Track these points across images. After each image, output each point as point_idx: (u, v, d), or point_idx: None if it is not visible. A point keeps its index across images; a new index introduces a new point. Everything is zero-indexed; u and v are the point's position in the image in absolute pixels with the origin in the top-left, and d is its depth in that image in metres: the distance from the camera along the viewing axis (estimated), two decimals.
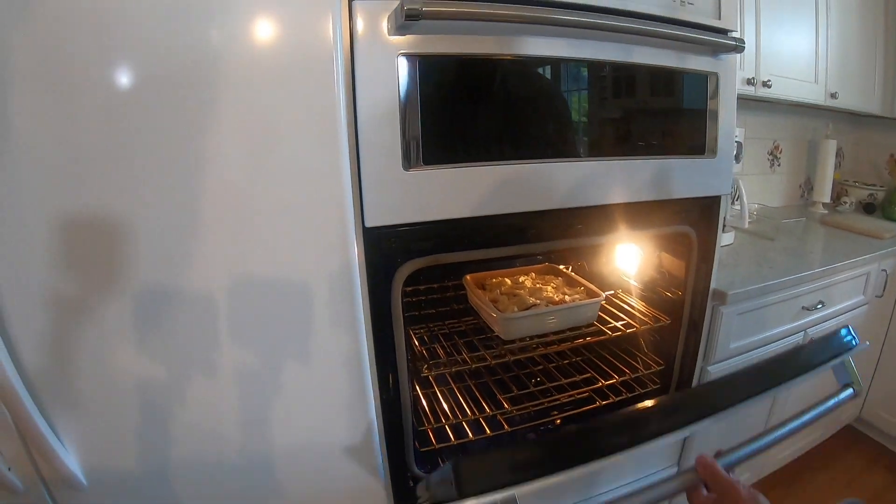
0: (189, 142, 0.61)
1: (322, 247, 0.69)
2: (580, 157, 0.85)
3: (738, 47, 0.91)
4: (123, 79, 0.57)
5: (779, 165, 2.11)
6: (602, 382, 1.11)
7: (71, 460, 0.66)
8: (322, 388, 0.75)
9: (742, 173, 1.83)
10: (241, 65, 0.60)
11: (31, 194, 0.56)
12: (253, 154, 0.63)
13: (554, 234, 0.86)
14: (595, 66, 0.84)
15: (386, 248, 0.74)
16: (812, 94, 1.67)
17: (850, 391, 0.66)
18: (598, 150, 0.87)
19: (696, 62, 0.91)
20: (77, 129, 0.56)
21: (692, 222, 1.01)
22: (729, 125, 0.98)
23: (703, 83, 0.94)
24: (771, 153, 2.07)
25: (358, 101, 0.67)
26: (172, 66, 0.58)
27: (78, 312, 0.61)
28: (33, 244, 0.58)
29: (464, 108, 0.76)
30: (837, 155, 2.16)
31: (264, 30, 0.61)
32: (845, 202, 2.15)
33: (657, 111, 0.95)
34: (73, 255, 0.59)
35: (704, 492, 0.58)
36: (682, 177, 0.95)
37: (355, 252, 0.71)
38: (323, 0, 0.62)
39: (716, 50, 0.92)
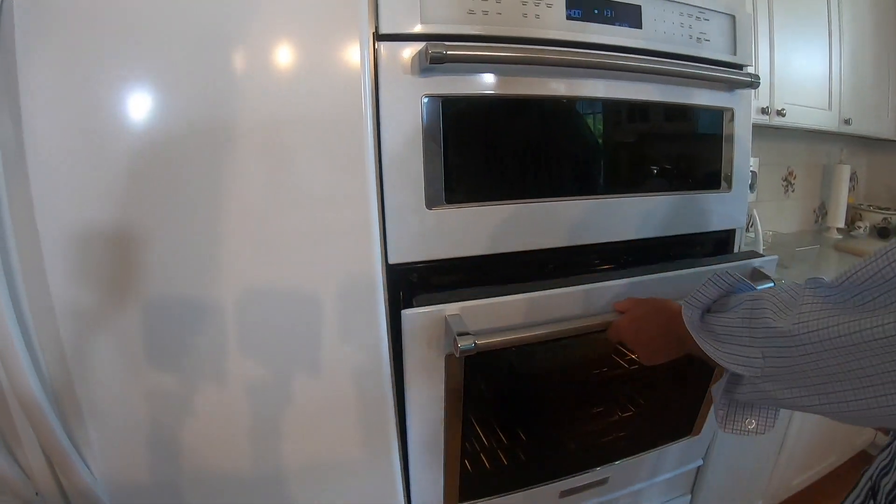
0: (213, 160, 0.62)
1: (347, 280, 0.70)
2: (599, 194, 0.86)
3: (754, 83, 0.92)
4: (148, 98, 0.58)
5: (793, 191, 2.10)
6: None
7: (95, 481, 0.66)
8: (345, 411, 0.76)
9: (756, 201, 1.82)
10: (267, 106, 0.62)
11: (53, 207, 0.57)
12: (278, 194, 0.65)
13: (572, 270, 0.86)
14: (613, 106, 0.85)
15: (408, 283, 0.75)
16: (826, 121, 1.67)
17: (770, 283, 0.83)
18: (615, 187, 0.88)
19: (712, 98, 0.92)
20: (98, 145, 0.57)
21: (707, 254, 1.02)
22: (744, 158, 0.99)
23: (718, 118, 0.95)
24: (785, 179, 2.06)
25: (382, 143, 0.68)
26: (199, 88, 0.60)
27: (98, 326, 0.61)
28: (55, 256, 0.58)
29: (487, 147, 0.78)
30: (851, 179, 2.15)
31: (292, 64, 0.63)
32: (860, 227, 2.13)
33: (673, 147, 0.96)
34: (93, 269, 0.60)
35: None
36: (698, 212, 0.95)
37: (380, 287, 0.71)
38: (349, 35, 0.64)
39: (732, 86, 0.93)
